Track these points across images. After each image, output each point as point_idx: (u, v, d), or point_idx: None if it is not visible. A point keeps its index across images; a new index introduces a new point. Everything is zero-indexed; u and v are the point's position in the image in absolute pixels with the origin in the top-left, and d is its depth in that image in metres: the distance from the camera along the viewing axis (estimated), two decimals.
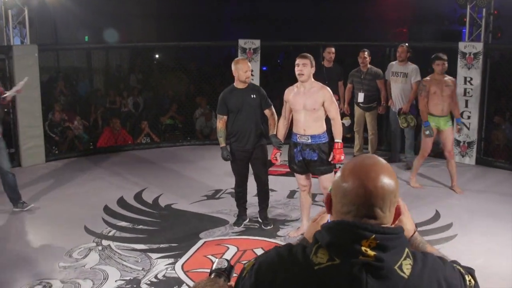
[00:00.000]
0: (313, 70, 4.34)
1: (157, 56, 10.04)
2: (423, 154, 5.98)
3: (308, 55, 4.38)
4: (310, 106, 4.34)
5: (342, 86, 7.42)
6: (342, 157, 4.38)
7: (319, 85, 4.41)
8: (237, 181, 4.93)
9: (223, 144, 4.78)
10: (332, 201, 1.29)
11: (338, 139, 4.38)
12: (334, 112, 4.38)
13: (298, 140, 4.43)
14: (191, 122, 8.91)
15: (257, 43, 8.35)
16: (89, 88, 9.36)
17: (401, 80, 6.88)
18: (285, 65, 10.66)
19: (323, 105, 4.35)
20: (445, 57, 5.80)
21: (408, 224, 1.40)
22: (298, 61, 4.32)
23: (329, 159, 4.39)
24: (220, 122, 4.79)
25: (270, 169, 5.16)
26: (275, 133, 4.70)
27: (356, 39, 8.43)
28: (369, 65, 7.15)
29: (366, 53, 7.08)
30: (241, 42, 8.36)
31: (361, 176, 1.23)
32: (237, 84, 4.74)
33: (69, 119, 8.03)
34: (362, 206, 1.22)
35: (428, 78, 5.87)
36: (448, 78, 5.83)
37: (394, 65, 6.99)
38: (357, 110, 7.34)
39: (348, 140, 8.17)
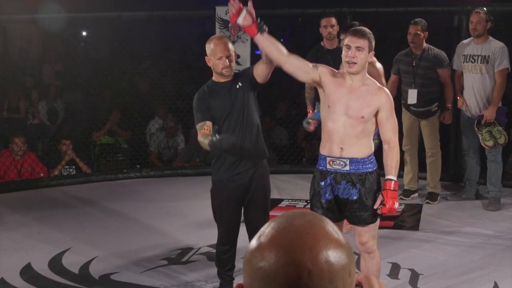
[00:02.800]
0: (371, 56, 4.32)
1: (84, 33, 10.00)
2: None
3: (367, 30, 4.34)
4: (355, 112, 4.29)
5: None
6: (396, 205, 4.34)
7: (375, 84, 4.39)
8: (222, 234, 4.89)
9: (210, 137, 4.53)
10: None
11: (392, 175, 4.34)
12: (392, 132, 4.35)
13: (329, 167, 4.40)
14: (142, 141, 8.87)
15: None
16: None
17: (479, 68, 6.92)
18: (291, 47, 10.65)
19: (375, 115, 4.33)
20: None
21: None
22: (349, 40, 4.27)
23: (375, 206, 4.34)
24: (202, 133, 4.71)
25: (275, 210, 5.10)
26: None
27: (403, 3, 8.48)
28: (425, 45, 7.18)
29: (418, 26, 7.11)
30: (220, 10, 8.41)
31: (290, 246, 1.17)
32: (217, 77, 4.74)
33: None
34: None
35: None
36: None
37: (467, 45, 7.04)
38: (407, 117, 7.36)
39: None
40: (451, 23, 8.10)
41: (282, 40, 11.25)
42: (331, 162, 4.37)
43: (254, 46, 8.70)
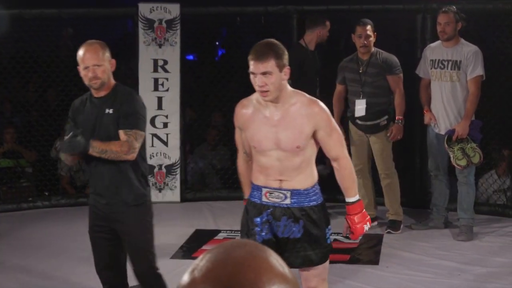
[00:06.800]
0: (286, 74, 4.19)
1: None
2: None
3: (271, 46, 4.19)
4: (288, 145, 4.21)
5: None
6: (366, 228, 4.38)
7: (304, 98, 4.29)
8: (99, 272, 5.03)
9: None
10: None
11: (351, 196, 4.36)
12: (338, 147, 4.33)
13: (265, 199, 4.33)
14: (50, 163, 8.75)
15: (174, 10, 8.43)
16: None
17: (449, 75, 6.97)
18: (229, 52, 10.67)
19: (313, 137, 4.27)
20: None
21: None
22: (252, 67, 4.15)
23: (343, 234, 4.42)
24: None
25: (210, 244, 5.09)
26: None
27: (358, 1, 8.56)
28: (374, 49, 7.27)
29: (368, 27, 7.20)
30: (144, 8, 8.41)
31: (229, 281, 1.20)
32: (92, 90, 4.84)
33: None
34: None
35: None
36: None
37: (435, 48, 7.13)
38: (354, 132, 7.46)
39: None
40: (413, 23, 8.19)
41: (217, 43, 11.32)
42: (267, 194, 4.30)
43: (184, 50, 8.70)
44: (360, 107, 7.21)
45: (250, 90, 7.44)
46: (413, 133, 7.88)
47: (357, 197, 4.36)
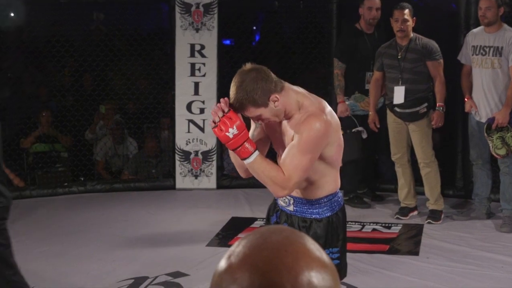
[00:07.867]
0: (274, 100, 3.92)
1: (12, 14, 9.87)
2: None
3: (242, 84, 3.93)
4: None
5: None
6: (230, 132, 4.07)
7: (311, 109, 4.00)
8: None
9: None
10: None
11: (251, 155, 4.04)
12: (289, 163, 3.95)
13: (279, 201, 4.32)
14: (86, 148, 8.81)
15: None
16: None
17: (490, 61, 6.95)
18: (266, 37, 10.65)
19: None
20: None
21: None
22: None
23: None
24: None
25: (246, 232, 5.07)
26: None
27: None
28: (412, 34, 7.25)
29: (406, 11, 7.16)
30: None
31: (266, 266, 1.19)
32: None
33: None
34: None
35: None
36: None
37: (477, 34, 7.09)
38: (392, 120, 7.44)
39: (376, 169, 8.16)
40: (457, 8, 8.11)
41: (254, 28, 11.30)
42: (281, 198, 4.27)
43: (222, 35, 8.70)
44: (398, 94, 7.18)
45: (286, 75, 7.46)
46: (455, 121, 7.82)
47: (252, 158, 3.99)
